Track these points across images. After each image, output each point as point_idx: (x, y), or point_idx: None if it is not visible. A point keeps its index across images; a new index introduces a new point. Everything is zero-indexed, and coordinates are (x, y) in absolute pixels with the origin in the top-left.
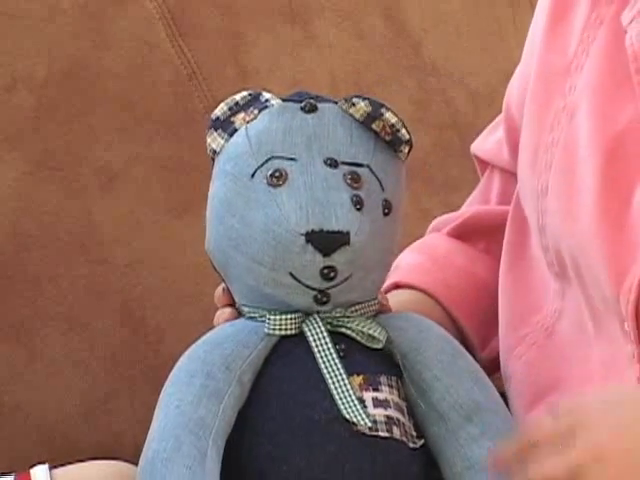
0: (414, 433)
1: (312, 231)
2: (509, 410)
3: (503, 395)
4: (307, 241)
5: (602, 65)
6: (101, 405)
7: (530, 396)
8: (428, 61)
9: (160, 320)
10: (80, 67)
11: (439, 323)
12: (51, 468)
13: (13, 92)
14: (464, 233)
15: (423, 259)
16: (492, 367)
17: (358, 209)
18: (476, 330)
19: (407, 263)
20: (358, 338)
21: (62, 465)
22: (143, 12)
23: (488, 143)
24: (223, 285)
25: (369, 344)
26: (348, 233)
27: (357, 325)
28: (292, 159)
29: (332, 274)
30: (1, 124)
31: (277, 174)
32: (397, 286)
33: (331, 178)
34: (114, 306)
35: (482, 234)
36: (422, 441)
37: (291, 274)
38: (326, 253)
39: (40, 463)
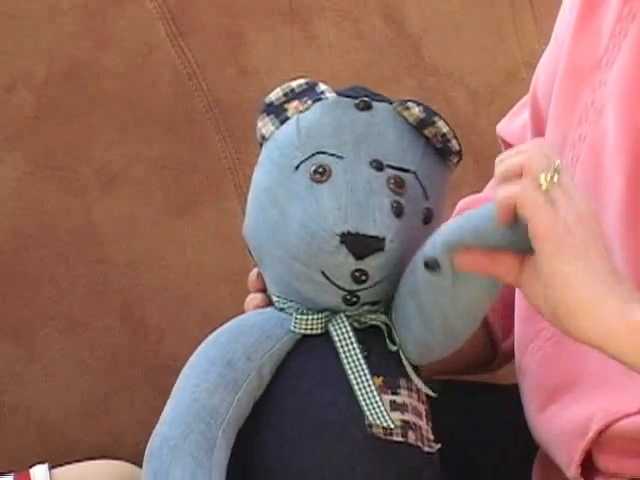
0: (431, 437)
1: (348, 232)
2: (522, 408)
3: (513, 387)
4: (342, 242)
5: (633, 62)
6: (101, 405)
7: (544, 394)
8: (428, 61)
9: (160, 320)
10: (80, 67)
11: None
12: (51, 468)
13: (13, 92)
14: None
15: None
16: (512, 357)
17: (397, 216)
18: (498, 320)
19: None
20: (384, 328)
21: (62, 465)
22: (143, 12)
23: (513, 126)
24: (257, 269)
25: (388, 341)
26: (384, 239)
27: (383, 317)
28: (338, 156)
29: (363, 277)
30: (1, 124)
31: (320, 170)
32: None
33: (374, 181)
34: (114, 306)
35: None
36: (438, 445)
37: (323, 272)
38: (359, 257)
39: (40, 463)
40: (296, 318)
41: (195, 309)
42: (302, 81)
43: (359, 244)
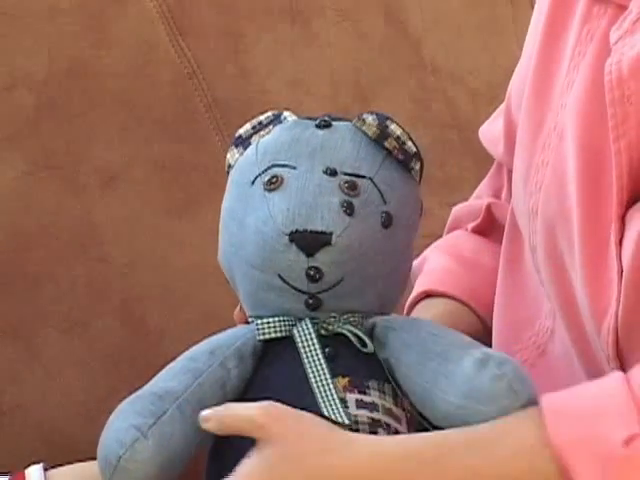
0: None
1: (296, 231)
2: None
3: None
4: (291, 240)
5: (588, 85)
6: (101, 405)
7: None
8: (428, 60)
9: (160, 320)
10: (80, 67)
11: (472, 329)
12: (48, 468)
13: (13, 92)
14: (488, 230)
15: (452, 262)
16: None
17: (348, 214)
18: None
19: (436, 268)
20: (350, 336)
21: (62, 465)
22: (143, 12)
23: (490, 132)
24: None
25: (359, 346)
26: (331, 234)
27: (349, 326)
28: (292, 167)
29: (317, 275)
30: (1, 124)
31: (274, 180)
32: (428, 295)
33: (326, 184)
34: (114, 306)
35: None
36: None
37: (279, 276)
38: (309, 253)
39: (36, 463)
40: (257, 324)
41: (195, 309)
42: (269, 113)
43: (306, 239)
